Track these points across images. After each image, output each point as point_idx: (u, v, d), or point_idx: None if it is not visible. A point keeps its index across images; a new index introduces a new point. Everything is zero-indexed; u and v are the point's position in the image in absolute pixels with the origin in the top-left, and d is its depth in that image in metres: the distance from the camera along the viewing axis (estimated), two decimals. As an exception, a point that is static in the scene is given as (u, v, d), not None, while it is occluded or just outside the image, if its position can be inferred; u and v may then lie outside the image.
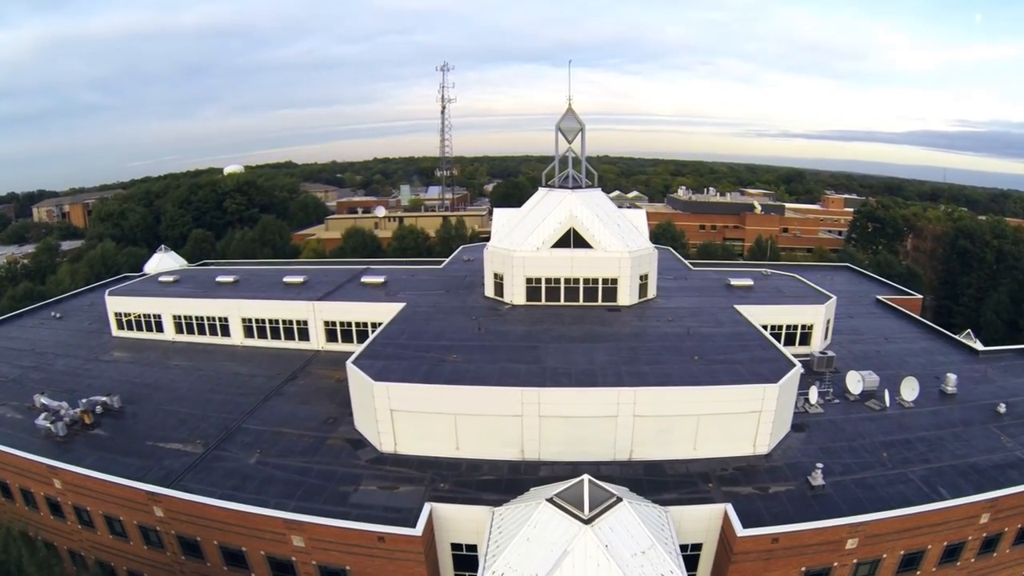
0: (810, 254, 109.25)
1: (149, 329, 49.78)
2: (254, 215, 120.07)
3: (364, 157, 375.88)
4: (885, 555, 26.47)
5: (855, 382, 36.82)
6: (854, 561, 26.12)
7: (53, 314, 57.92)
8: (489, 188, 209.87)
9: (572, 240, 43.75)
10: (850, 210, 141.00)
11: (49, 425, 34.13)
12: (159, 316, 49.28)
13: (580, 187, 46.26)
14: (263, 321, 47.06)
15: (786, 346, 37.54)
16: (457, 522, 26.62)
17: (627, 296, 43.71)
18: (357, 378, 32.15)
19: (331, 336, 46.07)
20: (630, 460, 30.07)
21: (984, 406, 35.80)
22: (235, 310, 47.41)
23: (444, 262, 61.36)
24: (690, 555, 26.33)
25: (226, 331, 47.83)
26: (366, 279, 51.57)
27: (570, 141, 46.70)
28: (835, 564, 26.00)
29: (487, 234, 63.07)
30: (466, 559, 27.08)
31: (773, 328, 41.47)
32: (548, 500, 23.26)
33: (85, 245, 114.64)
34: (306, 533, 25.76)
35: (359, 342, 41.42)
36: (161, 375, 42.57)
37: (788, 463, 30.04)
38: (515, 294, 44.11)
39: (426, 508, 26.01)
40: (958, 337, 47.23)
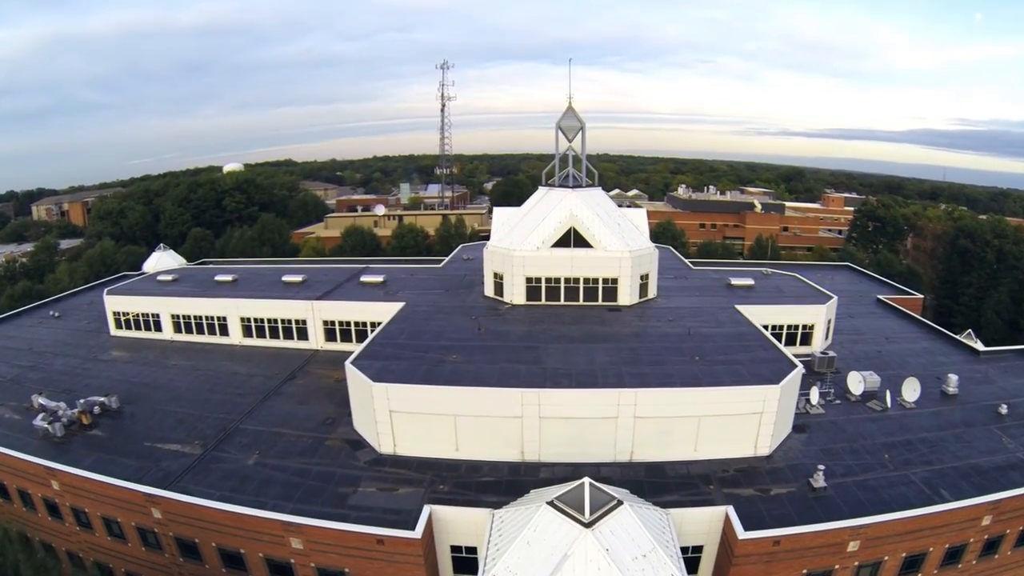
0: (810, 253, 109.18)
1: (148, 328, 49.63)
2: (253, 213, 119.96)
3: (364, 155, 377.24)
4: (887, 557, 26.36)
5: (856, 383, 36.70)
6: (855, 564, 26.01)
7: (52, 313, 57.77)
8: (489, 186, 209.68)
9: (572, 239, 43.57)
10: (850, 209, 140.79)
11: (47, 426, 33.99)
12: (157, 315, 49.12)
13: (580, 186, 46.09)
14: (262, 320, 46.91)
15: (787, 346, 37.43)
16: (457, 524, 26.45)
17: (627, 296, 43.55)
18: (356, 379, 32.00)
19: (330, 335, 45.94)
20: (631, 461, 29.94)
21: (985, 407, 35.68)
22: (234, 309, 47.26)
23: (444, 261, 61.19)
24: (691, 557, 26.19)
25: (225, 330, 47.68)
26: (365, 278, 51.42)
27: (570, 140, 46.51)
28: (836, 567, 25.88)
29: (487, 232, 63.00)
30: (466, 561, 26.92)
31: (774, 328, 41.32)
32: (548, 503, 23.12)
33: (84, 244, 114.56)
34: (305, 535, 25.63)
35: (358, 342, 41.27)
36: (159, 375, 42.42)
37: (789, 465, 29.93)
38: (515, 294, 43.95)
39: (425, 510, 25.86)
40: (959, 337, 47.11)
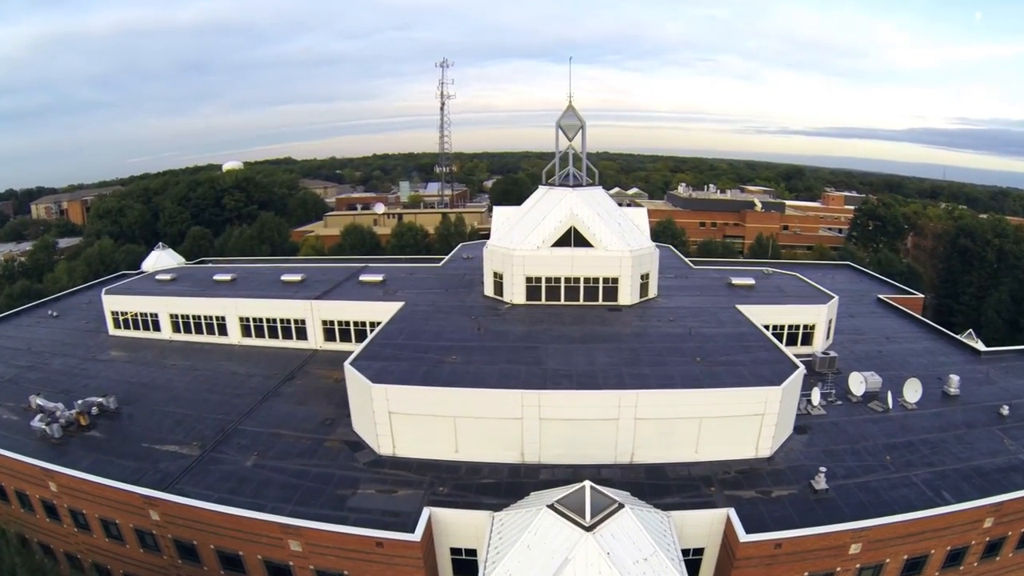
0: (810, 252, 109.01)
1: (146, 328, 49.45)
2: (253, 212, 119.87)
3: (363, 153, 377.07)
4: (888, 560, 26.23)
5: (858, 383, 36.55)
6: (857, 566, 25.89)
7: (50, 312, 57.56)
8: (489, 184, 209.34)
9: (573, 239, 43.38)
10: (850, 208, 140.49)
11: (45, 427, 33.81)
12: (156, 315, 48.94)
13: (581, 185, 45.89)
14: (261, 320, 46.72)
15: (788, 346, 37.24)
16: (456, 527, 26.31)
17: (628, 295, 43.38)
18: (355, 380, 31.83)
19: (329, 335, 45.77)
20: (631, 463, 29.78)
21: (987, 408, 35.55)
22: (232, 309, 47.07)
23: (443, 260, 60.89)
24: (692, 559, 26.06)
25: (223, 330, 47.50)
26: (364, 278, 51.23)
27: (570, 138, 46.32)
28: (838, 569, 25.75)
29: (486, 231, 62.74)
30: (465, 564, 26.79)
31: (775, 328, 41.16)
32: (549, 506, 22.96)
33: (83, 242, 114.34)
34: (303, 538, 25.48)
35: (357, 341, 41.09)
36: (158, 375, 42.25)
37: (791, 466, 29.79)
38: (515, 293, 43.77)
39: (425, 512, 25.71)
40: (960, 337, 46.96)
